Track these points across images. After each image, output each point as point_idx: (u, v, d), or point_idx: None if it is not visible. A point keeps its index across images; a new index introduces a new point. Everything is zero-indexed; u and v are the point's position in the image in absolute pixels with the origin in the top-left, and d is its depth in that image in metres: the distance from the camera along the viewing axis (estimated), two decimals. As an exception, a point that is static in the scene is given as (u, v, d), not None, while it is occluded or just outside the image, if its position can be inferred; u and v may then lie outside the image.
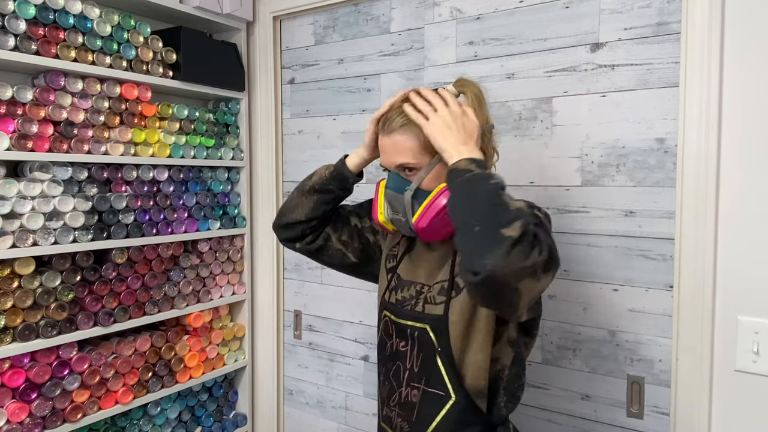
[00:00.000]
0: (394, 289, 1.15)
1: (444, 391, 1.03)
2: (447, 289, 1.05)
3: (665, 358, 1.35)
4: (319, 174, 1.21)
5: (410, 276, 1.14)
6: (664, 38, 1.31)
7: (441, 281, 1.07)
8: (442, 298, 1.05)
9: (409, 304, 1.10)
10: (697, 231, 1.24)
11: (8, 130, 1.41)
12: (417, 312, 1.08)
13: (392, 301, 1.14)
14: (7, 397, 1.42)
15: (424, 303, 1.07)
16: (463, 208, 0.87)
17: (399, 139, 1.03)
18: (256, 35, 2.04)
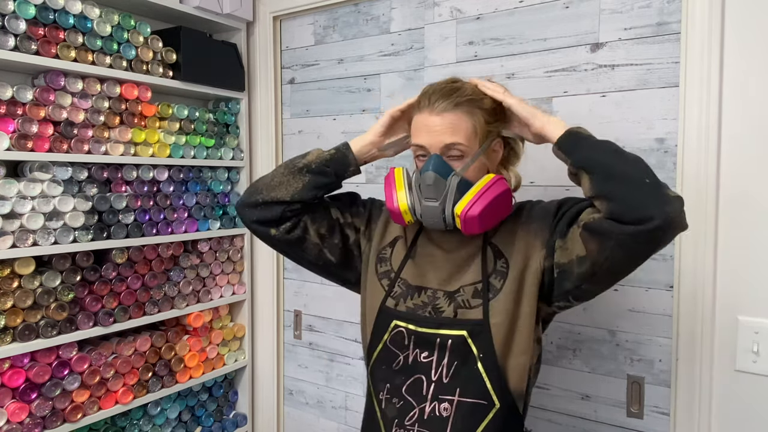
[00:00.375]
0: (401, 296, 1.06)
1: (487, 400, 0.97)
2: (483, 291, 0.99)
3: (665, 358, 1.35)
4: (316, 153, 1.12)
5: (418, 281, 1.06)
6: (664, 38, 1.31)
7: (473, 283, 1.00)
8: (478, 301, 0.99)
9: (426, 310, 1.03)
10: (697, 231, 1.24)
11: (8, 130, 1.41)
12: (447, 318, 0.99)
13: (403, 310, 1.04)
14: (7, 397, 1.42)
15: (455, 308, 1.00)
16: (625, 163, 0.89)
17: (452, 118, 0.97)
18: (256, 35, 2.04)
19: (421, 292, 1.05)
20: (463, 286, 1.01)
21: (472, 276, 1.02)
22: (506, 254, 1.02)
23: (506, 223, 1.05)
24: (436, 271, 1.06)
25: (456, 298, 1.01)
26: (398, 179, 1.05)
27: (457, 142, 0.97)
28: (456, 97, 0.99)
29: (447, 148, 0.98)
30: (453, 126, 0.97)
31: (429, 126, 0.99)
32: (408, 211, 1.02)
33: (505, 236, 1.04)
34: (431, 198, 0.98)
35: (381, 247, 1.14)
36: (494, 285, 0.99)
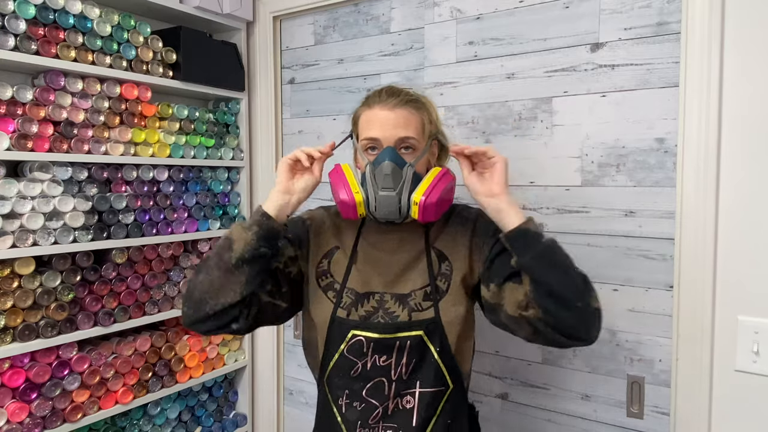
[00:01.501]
0: (352, 305, 1.08)
1: (444, 385, 1.06)
2: (432, 294, 1.06)
3: (665, 358, 1.35)
4: (242, 239, 0.99)
5: (365, 287, 1.09)
6: (664, 38, 1.31)
7: (422, 287, 1.07)
8: (429, 303, 1.06)
9: (378, 316, 1.07)
10: (697, 231, 1.24)
11: (8, 130, 1.41)
12: (403, 322, 1.05)
13: (357, 319, 1.07)
14: (7, 397, 1.42)
15: (410, 311, 1.05)
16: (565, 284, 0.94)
17: (405, 114, 1.04)
18: (256, 35, 2.04)
19: (370, 298, 1.08)
20: (414, 290, 1.07)
21: (420, 279, 1.08)
22: (449, 257, 1.09)
23: (447, 227, 1.13)
24: (381, 275, 1.10)
25: (408, 302, 1.06)
26: (348, 173, 1.07)
27: (410, 135, 1.04)
28: (405, 96, 1.07)
29: (401, 141, 1.04)
30: (406, 120, 1.04)
31: (382, 120, 1.04)
32: (362, 203, 1.03)
33: (447, 240, 1.11)
34: (388, 188, 1.02)
35: (318, 260, 1.15)
36: (441, 287, 1.07)
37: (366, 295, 1.09)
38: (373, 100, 1.08)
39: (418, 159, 1.05)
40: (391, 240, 1.12)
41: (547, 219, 1.48)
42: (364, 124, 1.08)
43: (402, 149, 1.04)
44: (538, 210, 1.50)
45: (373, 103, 1.07)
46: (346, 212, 1.05)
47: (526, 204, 1.51)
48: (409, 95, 1.08)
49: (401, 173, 1.02)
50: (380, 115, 1.05)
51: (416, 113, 1.07)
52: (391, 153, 1.02)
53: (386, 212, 1.02)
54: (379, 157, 1.03)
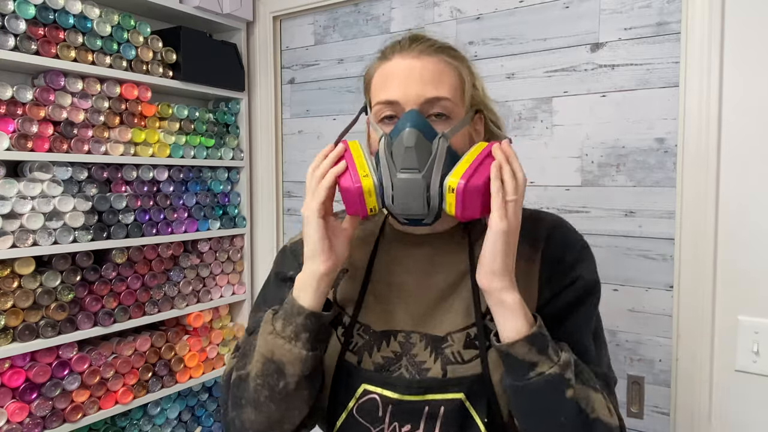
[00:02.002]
0: (365, 348, 0.78)
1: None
2: (480, 339, 0.74)
3: (665, 358, 1.35)
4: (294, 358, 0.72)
5: (384, 323, 0.79)
6: (664, 38, 1.31)
7: (464, 329, 0.75)
8: (473, 353, 0.74)
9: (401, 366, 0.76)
10: (697, 231, 1.24)
11: (8, 130, 1.41)
12: (435, 380, 0.73)
13: (371, 368, 0.76)
14: (7, 397, 1.42)
15: (444, 363, 0.74)
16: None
17: (435, 65, 0.74)
18: (256, 35, 2.04)
19: (390, 339, 0.78)
20: (452, 332, 0.75)
21: (461, 317, 0.76)
22: None
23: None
24: (407, 306, 0.79)
25: (443, 349, 0.75)
26: (356, 150, 0.76)
27: (442, 96, 0.73)
28: (438, 42, 0.77)
29: (429, 105, 0.73)
30: (436, 75, 0.73)
31: (404, 73, 0.73)
32: (373, 190, 0.72)
33: None
34: (410, 168, 0.70)
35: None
36: (490, 328, 0.73)
37: (385, 335, 0.78)
38: (391, 49, 0.77)
39: (456, 130, 0.73)
40: (419, 255, 0.81)
41: (547, 219, 1.48)
42: (378, 84, 0.76)
43: (432, 116, 0.73)
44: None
45: (391, 53, 0.76)
46: (351, 206, 0.74)
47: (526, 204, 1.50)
48: (443, 43, 0.78)
49: (430, 147, 0.70)
50: (401, 66, 0.74)
51: (452, 66, 0.76)
52: (416, 118, 0.71)
53: (407, 204, 0.71)
54: (399, 124, 0.72)
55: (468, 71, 0.78)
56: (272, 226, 2.06)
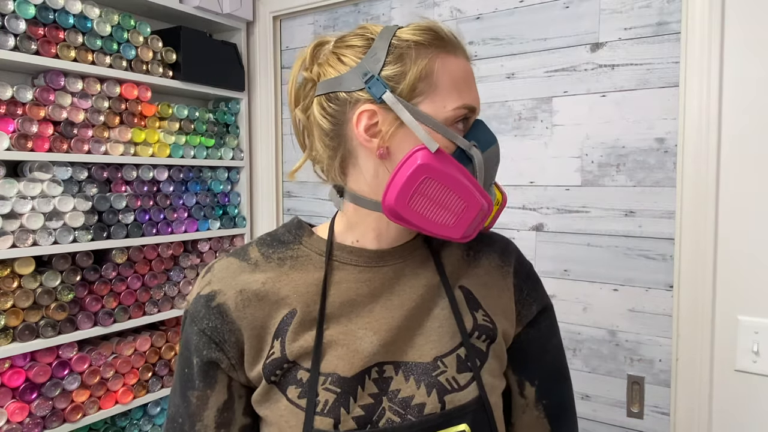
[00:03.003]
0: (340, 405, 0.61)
1: None
2: (469, 358, 0.65)
3: (665, 358, 1.35)
4: None
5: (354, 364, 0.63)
6: (664, 38, 1.31)
7: (453, 350, 0.66)
8: (468, 376, 0.65)
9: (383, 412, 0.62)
10: (697, 231, 1.24)
11: (8, 130, 1.41)
12: (433, 416, 0.62)
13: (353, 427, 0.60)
14: (7, 397, 1.42)
15: (440, 393, 0.63)
16: None
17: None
18: (256, 35, 2.04)
19: (364, 381, 0.63)
20: (440, 357, 0.65)
21: (446, 337, 0.66)
22: (482, 303, 0.70)
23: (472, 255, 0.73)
24: (374, 332, 0.65)
25: (435, 378, 0.63)
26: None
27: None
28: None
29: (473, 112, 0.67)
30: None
31: (471, 76, 0.66)
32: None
33: (478, 276, 0.72)
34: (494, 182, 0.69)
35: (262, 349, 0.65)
36: (478, 347, 0.67)
37: (358, 377, 0.62)
38: (450, 42, 0.66)
39: None
40: (380, 274, 0.68)
41: (547, 219, 1.48)
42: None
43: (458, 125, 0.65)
44: (538, 210, 1.50)
45: (453, 48, 0.66)
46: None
47: (527, 204, 1.51)
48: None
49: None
50: (468, 69, 0.66)
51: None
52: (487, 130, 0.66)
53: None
54: (481, 134, 0.64)
55: None
56: (272, 226, 2.06)
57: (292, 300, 0.65)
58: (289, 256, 0.68)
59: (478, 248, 0.74)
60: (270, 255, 0.69)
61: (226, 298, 0.65)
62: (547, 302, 0.76)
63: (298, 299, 0.65)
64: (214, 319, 0.65)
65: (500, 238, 0.77)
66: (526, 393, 0.73)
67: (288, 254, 0.69)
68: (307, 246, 0.69)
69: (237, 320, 0.64)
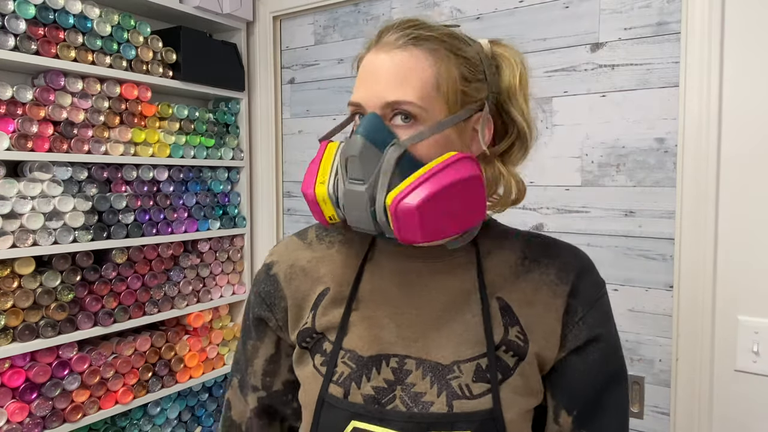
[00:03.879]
0: (352, 378, 0.67)
1: None
2: (490, 371, 0.65)
3: (665, 358, 1.35)
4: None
5: (373, 347, 0.68)
6: (664, 38, 1.31)
7: (473, 359, 0.65)
8: (484, 387, 0.64)
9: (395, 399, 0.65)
10: (697, 231, 1.24)
11: (8, 130, 1.41)
12: (440, 415, 0.63)
13: (360, 402, 0.66)
14: (7, 397, 1.42)
15: (450, 397, 0.64)
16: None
17: (404, 60, 0.63)
18: (256, 35, 2.04)
19: (381, 365, 0.67)
20: (459, 362, 0.65)
21: (470, 344, 0.66)
22: (521, 319, 0.67)
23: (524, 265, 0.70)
24: (399, 325, 0.68)
25: (448, 381, 0.65)
26: (327, 154, 0.69)
27: (402, 100, 0.62)
28: (418, 29, 0.65)
29: (389, 109, 0.63)
30: (402, 72, 0.62)
31: (370, 72, 0.64)
32: (328, 199, 0.65)
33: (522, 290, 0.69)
34: (356, 179, 0.62)
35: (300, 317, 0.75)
36: (505, 362, 0.66)
37: (375, 360, 0.67)
38: (373, 41, 0.68)
39: (421, 137, 0.62)
40: (414, 269, 0.70)
41: (547, 219, 1.48)
42: (356, 82, 0.68)
43: (395, 118, 0.63)
44: (538, 210, 1.50)
45: (371, 45, 0.67)
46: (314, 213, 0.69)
47: (527, 204, 1.51)
48: (430, 30, 0.65)
49: (379, 155, 0.61)
50: (372, 65, 0.65)
51: (429, 61, 0.63)
52: (371, 123, 0.62)
53: (354, 217, 0.64)
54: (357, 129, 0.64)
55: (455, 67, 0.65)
56: (272, 226, 2.06)
57: (327, 279, 0.74)
58: (338, 240, 0.77)
59: (537, 259, 0.71)
60: (323, 237, 0.79)
61: (279, 269, 0.77)
62: (602, 332, 0.69)
63: (333, 279, 0.73)
64: (269, 285, 0.77)
65: (567, 252, 0.73)
66: (561, 421, 0.69)
67: (338, 238, 0.77)
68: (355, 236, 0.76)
69: (284, 289, 0.76)
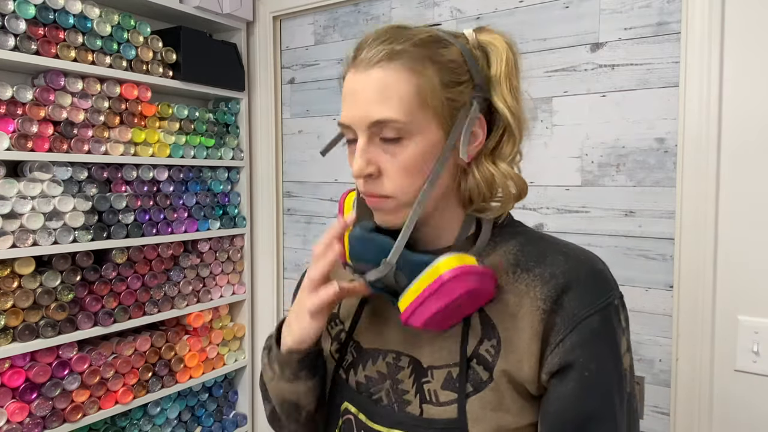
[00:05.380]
0: (352, 365, 0.74)
1: None
2: (459, 380, 0.64)
3: (665, 358, 1.35)
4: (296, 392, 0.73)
5: (373, 341, 0.73)
6: (664, 38, 1.31)
7: (446, 366, 0.65)
8: (451, 396, 0.64)
9: (383, 389, 0.69)
10: (697, 231, 1.24)
11: (8, 130, 1.41)
12: (410, 416, 0.66)
13: (353, 385, 0.72)
14: (7, 397, 1.42)
15: (421, 400, 0.66)
16: None
17: (382, 77, 0.62)
18: (256, 35, 2.04)
19: (378, 358, 0.71)
20: (433, 367, 0.66)
21: (446, 351, 0.66)
22: (499, 330, 0.64)
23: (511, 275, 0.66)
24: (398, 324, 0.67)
25: (423, 384, 0.66)
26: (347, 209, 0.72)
27: (386, 118, 0.61)
28: (391, 43, 0.62)
29: (376, 128, 0.62)
30: (380, 90, 0.61)
31: (350, 92, 0.64)
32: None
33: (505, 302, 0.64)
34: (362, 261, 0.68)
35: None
36: (478, 374, 0.63)
37: (372, 353, 0.72)
38: (354, 55, 0.66)
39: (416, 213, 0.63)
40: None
41: (547, 219, 1.48)
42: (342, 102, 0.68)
43: (385, 139, 0.63)
44: (538, 210, 1.50)
45: (350, 65, 0.66)
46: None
47: (527, 204, 1.51)
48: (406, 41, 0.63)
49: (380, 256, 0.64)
50: (351, 83, 0.65)
51: (407, 74, 0.62)
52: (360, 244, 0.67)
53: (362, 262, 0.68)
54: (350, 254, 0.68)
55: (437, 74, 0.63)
56: (272, 226, 2.06)
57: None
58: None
59: (528, 268, 0.65)
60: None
61: None
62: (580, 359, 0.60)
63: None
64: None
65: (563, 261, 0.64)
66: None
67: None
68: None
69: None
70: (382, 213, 0.66)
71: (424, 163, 0.63)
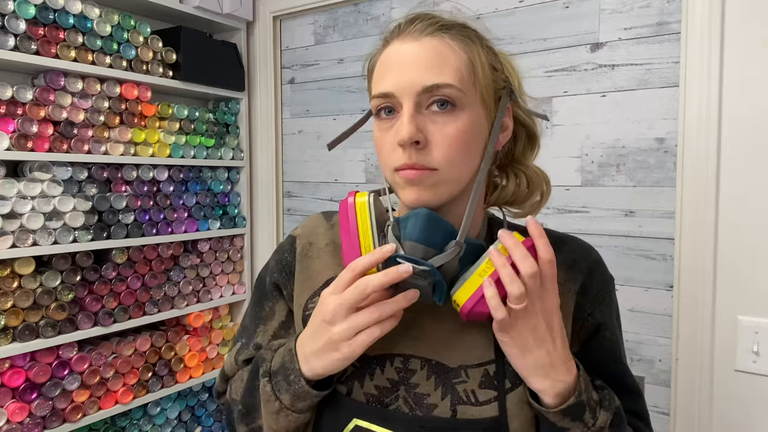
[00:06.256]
0: (355, 376, 0.66)
1: None
2: (497, 377, 0.63)
3: (665, 358, 1.35)
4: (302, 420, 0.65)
5: (378, 347, 0.63)
6: (664, 38, 1.31)
7: (481, 364, 0.63)
8: (491, 394, 0.62)
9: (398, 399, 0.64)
10: (697, 231, 1.24)
11: (8, 130, 1.41)
12: (442, 420, 0.62)
13: (363, 400, 0.65)
14: (7, 397, 1.42)
15: (453, 402, 0.62)
16: None
17: (436, 49, 0.60)
18: (256, 35, 2.04)
19: (385, 365, 0.65)
20: (466, 366, 0.63)
21: (478, 349, 0.64)
22: None
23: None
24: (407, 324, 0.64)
25: (454, 385, 0.63)
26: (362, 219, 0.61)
27: (442, 82, 0.58)
28: (440, 19, 0.64)
29: (426, 96, 0.59)
30: (437, 56, 0.60)
31: (399, 59, 0.61)
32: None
33: None
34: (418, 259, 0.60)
35: (304, 298, 0.73)
36: (512, 371, 0.63)
37: (379, 360, 0.65)
38: (391, 34, 0.64)
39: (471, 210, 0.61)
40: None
41: (547, 219, 1.48)
42: (376, 76, 0.64)
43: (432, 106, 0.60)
44: (538, 210, 1.50)
45: (391, 37, 0.64)
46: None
47: (526, 204, 1.51)
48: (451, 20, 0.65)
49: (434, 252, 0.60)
50: (398, 52, 0.61)
51: (461, 47, 0.61)
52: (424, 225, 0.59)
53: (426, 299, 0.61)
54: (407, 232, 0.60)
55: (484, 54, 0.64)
56: (272, 226, 2.06)
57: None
58: None
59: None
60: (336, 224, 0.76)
61: (299, 244, 0.76)
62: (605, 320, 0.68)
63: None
64: (289, 255, 0.76)
65: (576, 249, 0.70)
66: None
67: None
68: None
69: (298, 263, 0.74)
70: (419, 188, 0.60)
71: (472, 140, 0.61)
